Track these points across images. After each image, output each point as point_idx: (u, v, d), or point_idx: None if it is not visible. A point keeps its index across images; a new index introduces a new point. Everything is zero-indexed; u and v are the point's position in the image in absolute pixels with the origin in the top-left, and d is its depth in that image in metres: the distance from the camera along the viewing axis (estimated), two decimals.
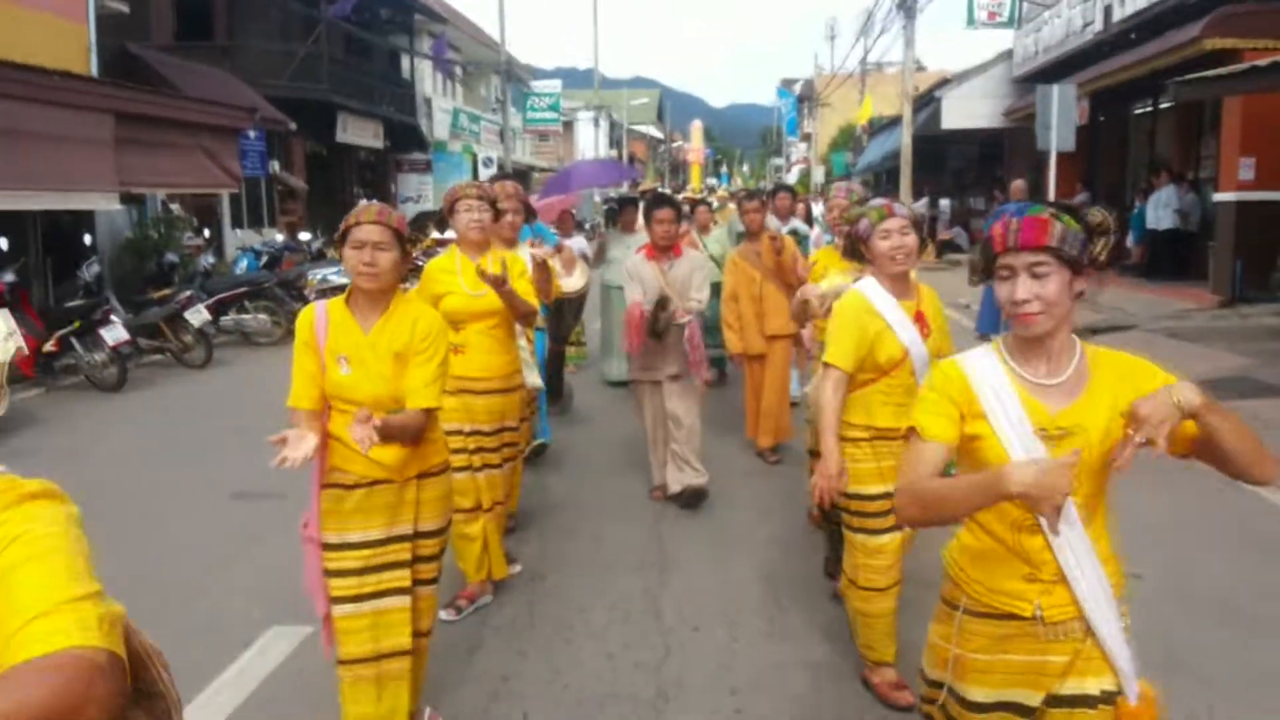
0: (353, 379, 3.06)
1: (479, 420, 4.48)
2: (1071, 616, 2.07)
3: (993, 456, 2.04)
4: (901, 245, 3.38)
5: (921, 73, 32.05)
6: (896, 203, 3.50)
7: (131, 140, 12.22)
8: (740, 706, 3.67)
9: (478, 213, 4.45)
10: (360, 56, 26.46)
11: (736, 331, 6.77)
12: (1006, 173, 25.58)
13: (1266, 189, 13.23)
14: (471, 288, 4.37)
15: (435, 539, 3.31)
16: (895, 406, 3.46)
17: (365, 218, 3.03)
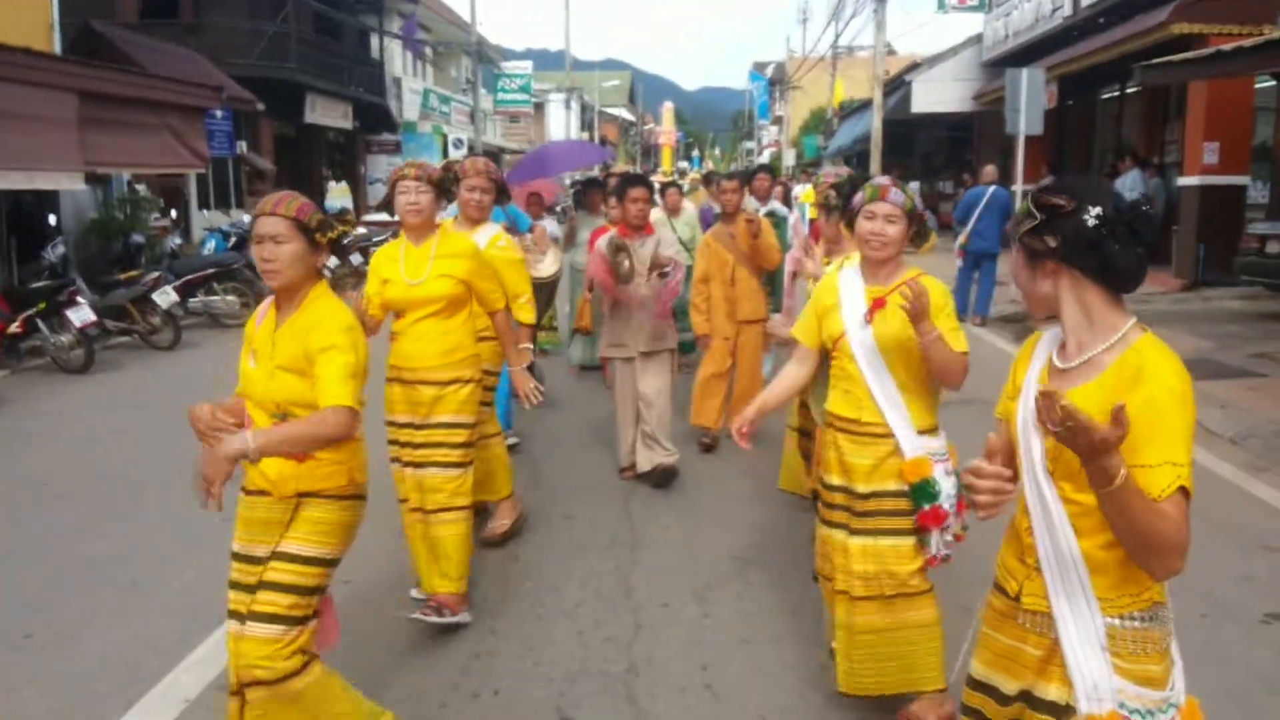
0: (254, 374, 2.88)
1: (402, 411, 4.24)
2: (1047, 611, 2.00)
3: (1013, 433, 2.08)
4: (881, 233, 3.17)
5: (892, 56, 32.16)
6: (896, 188, 3.23)
7: (96, 119, 12.05)
8: (709, 681, 3.73)
9: (414, 195, 4.17)
10: (329, 36, 26.18)
11: (704, 314, 6.66)
12: (975, 156, 25.79)
13: (1229, 173, 13.44)
14: (410, 276, 4.17)
15: (291, 565, 2.83)
16: (841, 392, 3.30)
17: (262, 209, 2.82)
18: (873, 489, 3.23)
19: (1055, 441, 1.83)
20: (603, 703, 3.60)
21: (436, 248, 4.20)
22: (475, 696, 3.65)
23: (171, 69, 15.82)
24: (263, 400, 2.84)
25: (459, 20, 35.31)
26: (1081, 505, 1.92)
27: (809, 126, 51.50)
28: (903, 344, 3.14)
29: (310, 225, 2.84)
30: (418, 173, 4.20)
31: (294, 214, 2.81)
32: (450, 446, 4.22)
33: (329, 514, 2.89)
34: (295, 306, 2.88)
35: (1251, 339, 9.87)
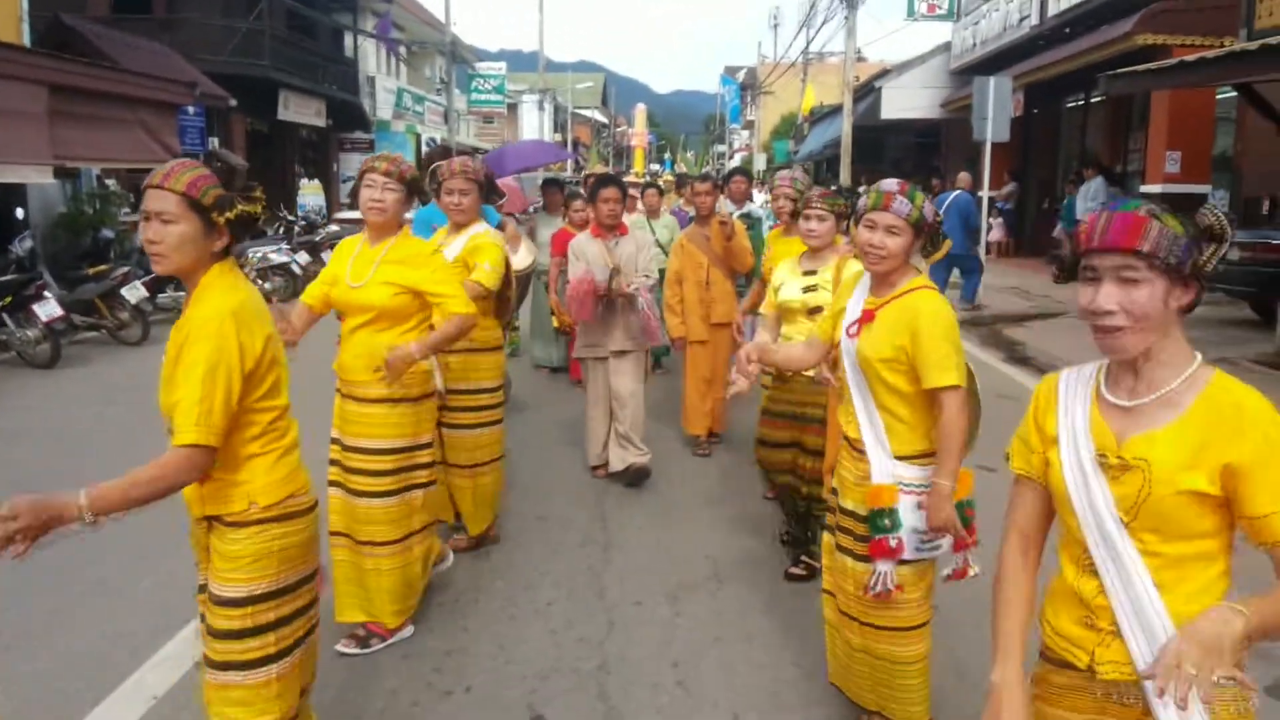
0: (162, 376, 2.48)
1: (344, 430, 3.92)
2: (1133, 679, 1.76)
3: (1056, 485, 1.86)
4: (881, 246, 2.93)
5: (862, 63, 32.36)
6: (901, 196, 2.95)
7: (66, 113, 11.95)
8: (682, 679, 3.77)
9: (380, 191, 3.80)
10: (303, 33, 26.02)
11: (679, 316, 6.59)
12: (943, 162, 26.06)
13: (1191, 182, 13.69)
14: (353, 278, 3.80)
15: (223, 609, 2.52)
16: (845, 402, 3.16)
17: (150, 181, 2.39)
18: (848, 506, 3.11)
19: (1132, 487, 1.71)
20: (575, 700, 3.62)
21: (389, 251, 3.80)
22: (448, 694, 3.67)
23: (144, 64, 15.70)
24: (163, 413, 2.45)
25: (433, 20, 35.23)
26: (1165, 557, 1.74)
27: (780, 131, 51.71)
28: (881, 363, 2.95)
29: (204, 203, 2.37)
30: (388, 167, 3.84)
31: (184, 189, 2.35)
32: (376, 474, 3.86)
33: (232, 545, 2.49)
34: (189, 300, 2.46)
35: (1212, 344, 10.04)
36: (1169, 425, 1.72)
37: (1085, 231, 1.77)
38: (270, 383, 2.48)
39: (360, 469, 3.88)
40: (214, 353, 2.31)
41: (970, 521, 2.98)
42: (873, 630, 3.09)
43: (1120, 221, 1.71)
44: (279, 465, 2.54)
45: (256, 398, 2.45)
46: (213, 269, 2.44)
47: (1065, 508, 1.84)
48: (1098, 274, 1.74)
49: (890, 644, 3.08)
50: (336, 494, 3.96)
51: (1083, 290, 1.77)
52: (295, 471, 2.60)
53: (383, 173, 3.83)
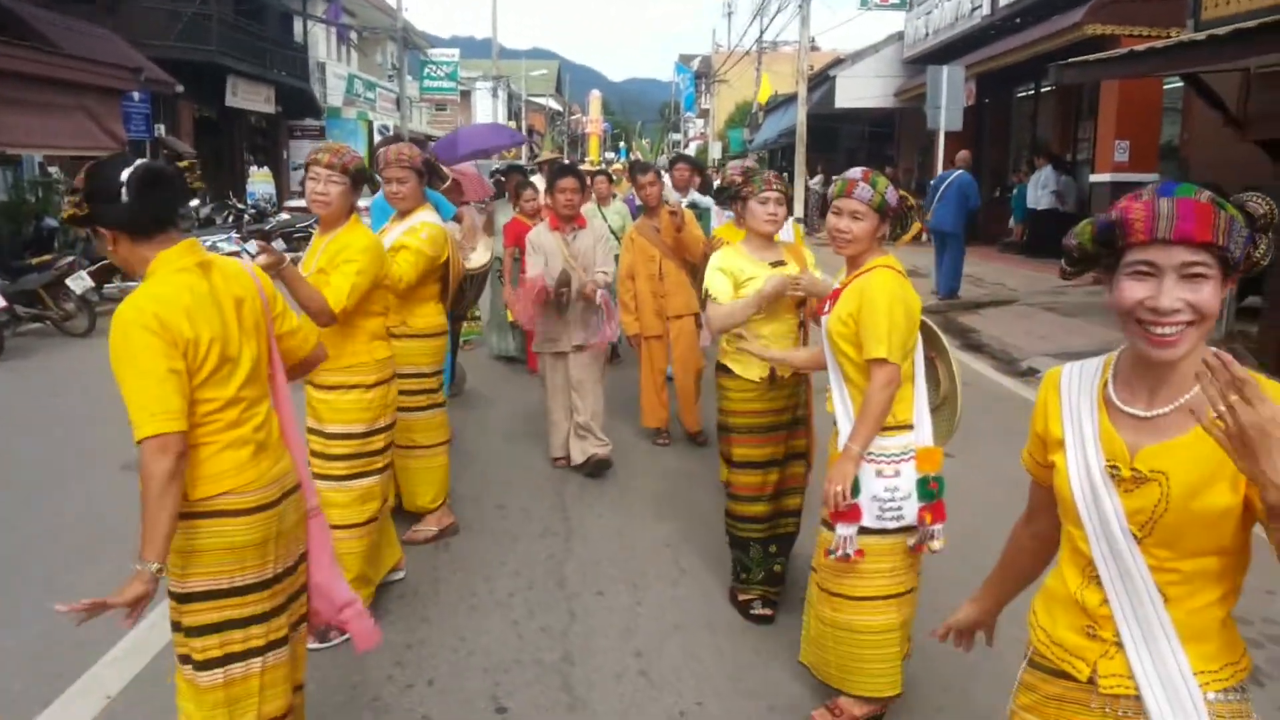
0: None
1: (309, 415, 3.99)
2: (1135, 694, 1.68)
3: (1064, 491, 1.74)
4: (846, 230, 3.14)
5: (815, 52, 32.54)
6: (864, 183, 3.12)
7: (5, 98, 11.67)
8: (644, 668, 3.77)
9: (324, 184, 3.82)
10: (251, 18, 25.58)
11: (633, 313, 6.49)
12: (896, 151, 26.30)
13: (1139, 170, 13.90)
14: (305, 268, 3.88)
15: (169, 600, 2.58)
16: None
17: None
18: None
19: (1147, 501, 1.60)
20: (538, 691, 3.60)
21: (331, 241, 3.86)
22: (409, 688, 3.63)
23: (86, 49, 15.36)
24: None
25: (384, 5, 34.81)
26: (1179, 573, 1.64)
27: (734, 120, 51.87)
28: (839, 336, 3.14)
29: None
30: (330, 159, 3.84)
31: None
32: (330, 458, 3.93)
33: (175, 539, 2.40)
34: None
35: None
36: (1189, 434, 1.58)
37: (1141, 221, 1.55)
38: (208, 371, 2.38)
39: (317, 453, 3.93)
40: (145, 341, 2.26)
41: (937, 496, 3.12)
42: (841, 600, 3.20)
43: (1188, 210, 1.51)
44: (219, 458, 2.43)
45: (195, 385, 2.37)
46: (160, 254, 2.39)
47: (1071, 517, 1.74)
48: (1156, 270, 1.54)
49: (854, 613, 3.18)
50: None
51: (1129, 287, 1.58)
52: (240, 468, 2.46)
53: (325, 165, 3.84)
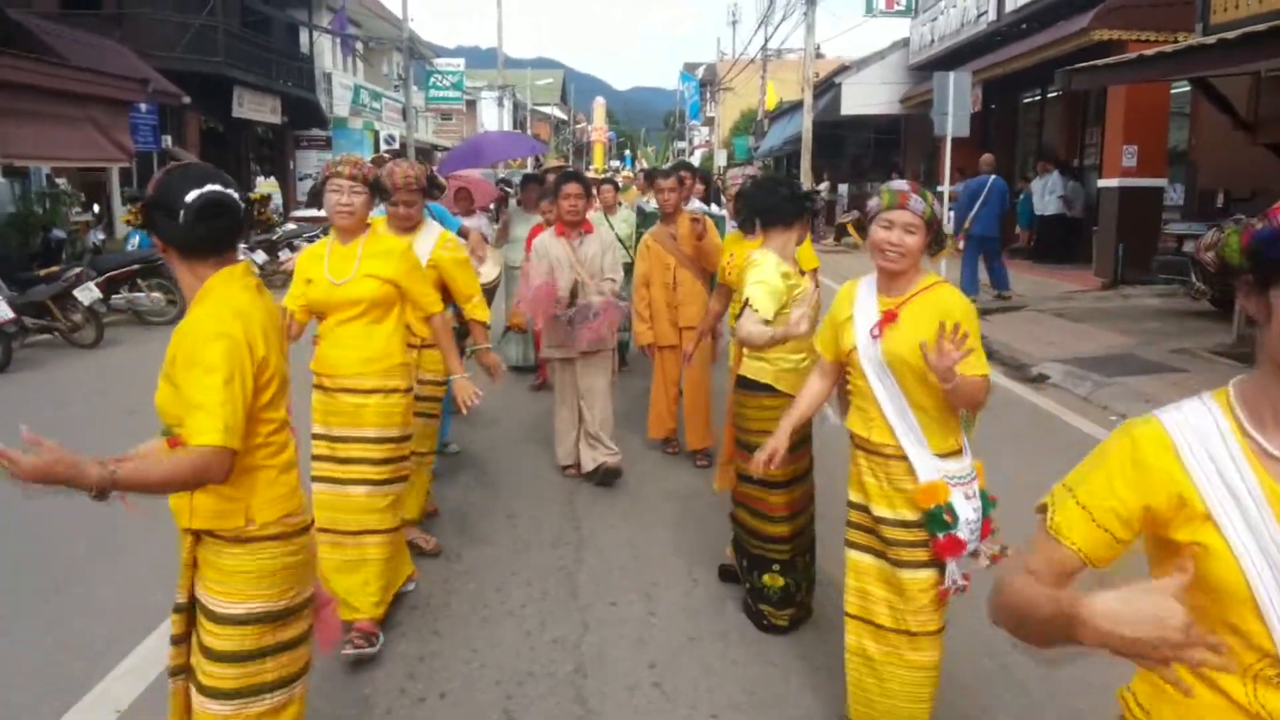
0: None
1: (320, 420, 3.96)
2: None
3: (1228, 578, 1.38)
4: (899, 244, 2.88)
5: (821, 60, 32.56)
6: (916, 195, 2.90)
7: (13, 110, 11.72)
8: (659, 680, 3.73)
9: (348, 195, 3.86)
10: (257, 30, 25.67)
11: (647, 322, 6.28)
12: (902, 158, 26.26)
13: (1147, 176, 13.87)
14: (334, 275, 3.89)
15: (213, 625, 2.43)
16: (856, 408, 3.11)
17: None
18: (888, 515, 3.00)
19: None
20: (551, 704, 3.57)
21: (364, 247, 3.92)
22: (421, 700, 3.60)
23: (94, 61, 15.42)
24: (159, 411, 2.39)
25: (390, 16, 34.89)
26: None
27: (740, 127, 51.90)
28: (915, 362, 2.83)
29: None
30: (352, 171, 3.89)
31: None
32: (372, 463, 3.92)
33: (227, 560, 2.41)
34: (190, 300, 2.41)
35: (1171, 335, 10.18)
36: None
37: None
38: (272, 392, 2.40)
39: (357, 458, 3.91)
40: (230, 352, 2.24)
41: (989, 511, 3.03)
42: (925, 638, 3.00)
43: None
44: (278, 482, 2.46)
45: (259, 406, 2.36)
46: (220, 274, 2.36)
47: (1238, 606, 1.37)
48: None
49: (934, 650, 3.03)
50: (323, 489, 3.93)
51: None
52: (294, 490, 2.51)
53: (348, 176, 3.88)
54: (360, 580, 3.92)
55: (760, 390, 3.95)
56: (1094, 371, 8.48)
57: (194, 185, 2.32)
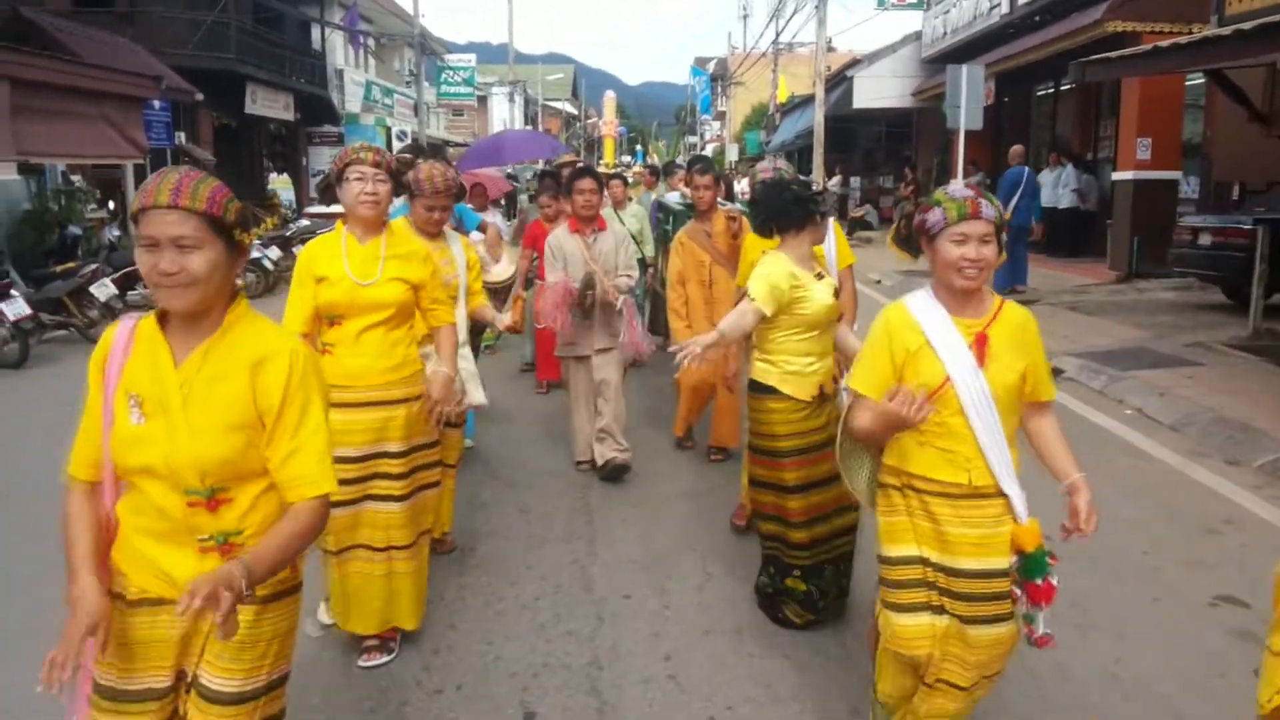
0: (146, 433, 2.02)
1: (348, 442, 3.57)
2: None
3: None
4: (979, 259, 2.56)
5: (832, 53, 32.46)
6: (985, 200, 2.59)
7: (28, 108, 11.77)
8: (674, 672, 3.74)
9: (372, 184, 3.60)
10: (269, 26, 25.75)
11: (685, 320, 5.95)
12: (915, 152, 26.18)
13: (1161, 168, 13.80)
14: (359, 274, 3.57)
15: (236, 707, 2.10)
16: (937, 451, 2.66)
17: (157, 198, 1.94)
18: (974, 566, 2.65)
19: None
20: (567, 696, 3.58)
21: (387, 247, 3.66)
22: (438, 693, 3.61)
23: (107, 58, 15.50)
24: (174, 470, 2.01)
25: (401, 12, 34.96)
26: None
27: (751, 122, 51.79)
28: (1014, 388, 2.64)
29: (233, 219, 2.04)
30: (375, 158, 3.63)
31: (207, 207, 1.98)
32: (393, 478, 3.70)
33: (262, 624, 2.12)
34: (205, 331, 2.07)
35: (1186, 328, 10.13)
36: None
37: None
38: None
39: (381, 474, 3.69)
40: (317, 395, 2.11)
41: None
42: (984, 682, 2.75)
43: None
44: None
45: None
46: (240, 304, 2.13)
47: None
48: None
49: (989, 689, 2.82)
50: (343, 510, 3.63)
51: None
52: None
53: (372, 164, 3.62)
54: (393, 595, 3.78)
55: (765, 392, 3.91)
56: (1108, 365, 8.44)
57: None
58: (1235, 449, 6.32)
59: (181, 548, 2.07)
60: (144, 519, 2.08)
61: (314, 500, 2.07)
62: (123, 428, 2.03)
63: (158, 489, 2.03)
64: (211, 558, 2.05)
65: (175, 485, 2.01)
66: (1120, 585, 4.44)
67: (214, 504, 2.05)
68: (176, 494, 2.02)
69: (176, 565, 2.06)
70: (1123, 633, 3.99)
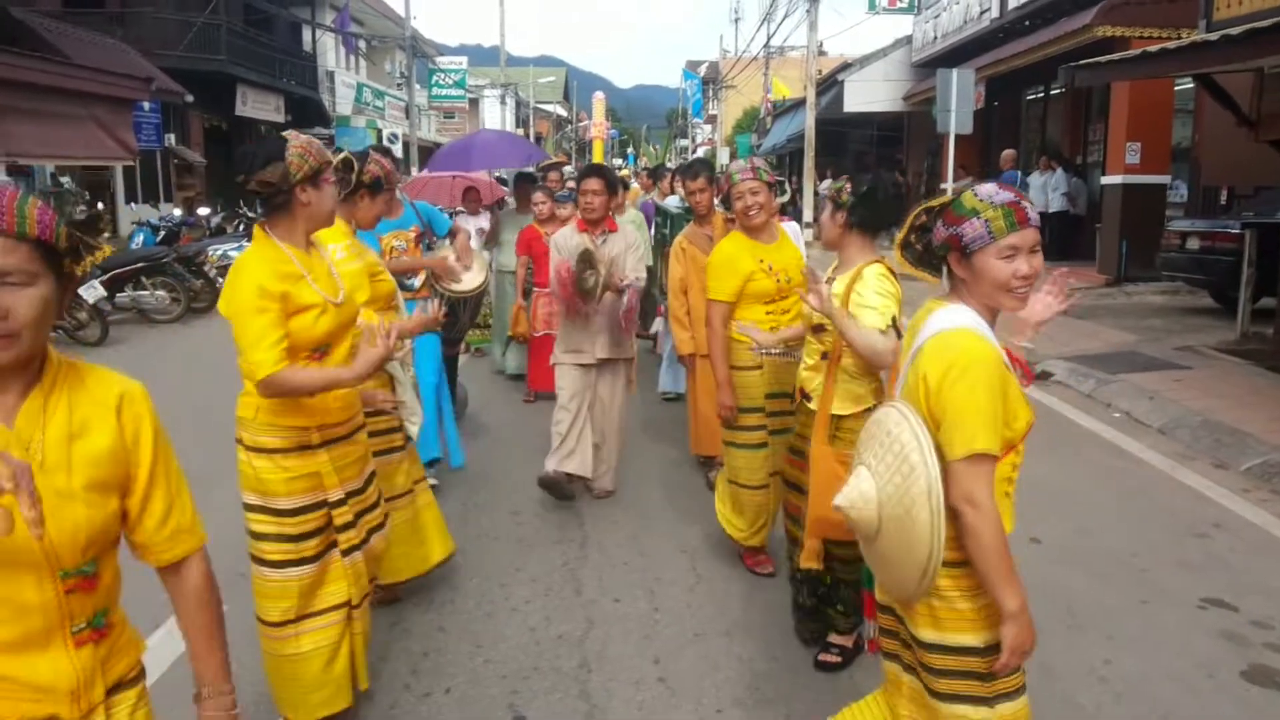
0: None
1: (349, 476, 3.26)
2: None
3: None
4: (1033, 274, 2.18)
5: (823, 57, 32.53)
6: (1028, 202, 2.20)
7: (17, 109, 11.75)
8: (663, 675, 3.74)
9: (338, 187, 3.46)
10: (260, 28, 25.73)
11: (688, 329, 5.71)
12: (905, 155, 26.24)
13: (1150, 173, 13.85)
14: (330, 292, 3.09)
15: None
16: (1009, 503, 2.28)
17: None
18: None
19: None
20: (556, 699, 3.58)
21: (329, 254, 3.32)
22: (426, 696, 3.61)
23: (97, 59, 15.46)
24: (51, 551, 1.60)
25: (392, 14, 34.91)
26: None
27: (742, 125, 51.88)
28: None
29: (60, 247, 1.62)
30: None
31: (37, 231, 1.56)
32: (372, 508, 3.42)
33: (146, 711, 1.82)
34: (25, 383, 1.64)
35: (1175, 332, 10.18)
36: None
37: None
38: None
39: (366, 509, 3.40)
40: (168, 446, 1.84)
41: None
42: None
43: None
44: None
45: None
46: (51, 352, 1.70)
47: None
48: None
49: None
50: (311, 569, 3.21)
51: None
52: None
53: (335, 168, 3.30)
54: (358, 650, 3.39)
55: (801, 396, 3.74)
56: (1097, 368, 8.47)
57: None
58: (1223, 452, 6.36)
59: (49, 649, 1.64)
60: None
61: (199, 552, 1.85)
62: None
63: (20, 583, 1.59)
64: (86, 649, 1.68)
65: (51, 570, 1.61)
66: (1108, 587, 4.46)
67: (92, 581, 1.69)
68: (50, 581, 1.61)
69: (50, 671, 1.64)
70: (1111, 634, 4.00)
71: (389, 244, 5.36)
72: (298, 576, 3.16)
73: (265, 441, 3.09)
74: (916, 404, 2.18)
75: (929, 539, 2.03)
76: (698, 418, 5.99)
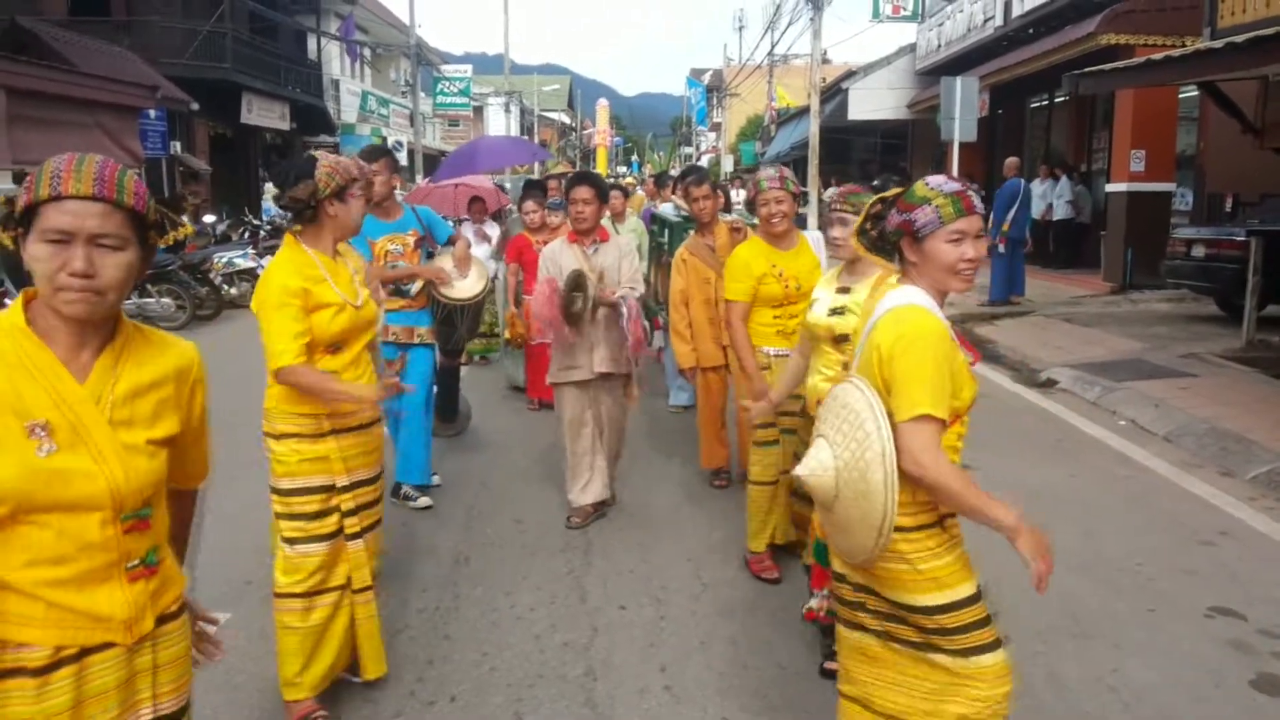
0: (70, 464, 1.73)
1: (342, 470, 3.43)
2: None
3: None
4: (978, 257, 2.38)
5: (827, 65, 32.56)
6: (968, 188, 2.42)
7: (24, 117, 11.78)
8: (669, 683, 3.73)
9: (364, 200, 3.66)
10: (265, 36, 25.78)
11: (689, 342, 5.66)
12: (910, 163, 26.24)
13: (1155, 180, 13.86)
14: (350, 295, 3.42)
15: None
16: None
17: (77, 186, 1.73)
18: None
19: None
20: (562, 707, 3.57)
21: (350, 264, 3.58)
22: (431, 704, 3.60)
23: (103, 67, 15.50)
24: (120, 498, 1.79)
25: (397, 22, 35.03)
26: None
27: (746, 133, 51.91)
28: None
29: (149, 219, 1.85)
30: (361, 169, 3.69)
31: (132, 201, 1.79)
32: (373, 503, 3.60)
33: (180, 642, 1.99)
34: (100, 340, 1.83)
35: (1180, 340, 10.16)
36: None
37: None
38: None
39: (369, 502, 3.56)
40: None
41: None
42: None
43: None
44: None
45: None
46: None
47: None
48: None
49: None
50: (322, 547, 3.42)
51: None
52: None
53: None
54: (363, 639, 3.56)
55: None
56: (1102, 376, 8.46)
57: None
58: (1229, 460, 6.34)
59: (107, 582, 1.81)
60: (52, 568, 1.76)
61: (199, 486, 2.19)
62: (25, 461, 1.70)
63: (85, 523, 1.76)
64: (139, 584, 1.85)
65: (115, 514, 1.79)
66: (1115, 596, 4.44)
67: (147, 523, 1.87)
68: (112, 523, 1.79)
69: (107, 602, 1.81)
70: (1118, 643, 3.98)
71: (383, 248, 5.31)
72: (308, 553, 3.40)
73: (282, 427, 3.39)
74: (871, 374, 2.38)
75: (884, 500, 2.22)
76: (704, 431, 6.00)
